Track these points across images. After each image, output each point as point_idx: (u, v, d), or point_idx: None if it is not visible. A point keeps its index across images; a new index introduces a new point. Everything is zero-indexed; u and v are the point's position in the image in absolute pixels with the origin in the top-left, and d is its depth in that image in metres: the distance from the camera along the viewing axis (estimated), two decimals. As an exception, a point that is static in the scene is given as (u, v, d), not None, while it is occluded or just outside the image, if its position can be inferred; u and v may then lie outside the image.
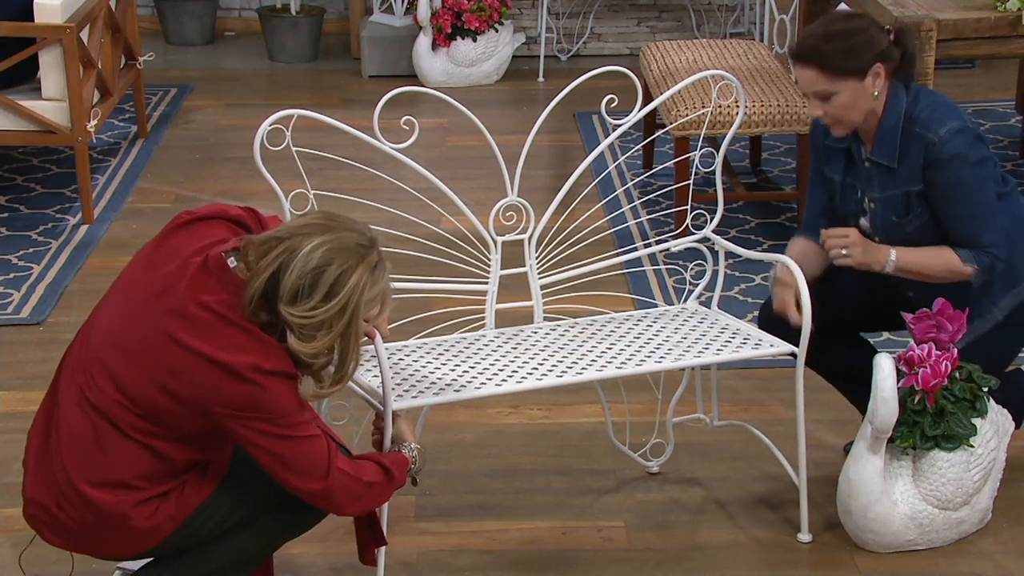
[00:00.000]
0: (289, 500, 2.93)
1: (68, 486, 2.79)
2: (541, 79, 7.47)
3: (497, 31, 7.33)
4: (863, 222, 3.64)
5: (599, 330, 3.61)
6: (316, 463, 2.80)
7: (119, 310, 2.82)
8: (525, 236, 3.57)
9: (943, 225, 3.53)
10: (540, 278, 3.62)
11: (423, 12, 7.11)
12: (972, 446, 3.50)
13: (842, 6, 5.67)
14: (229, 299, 2.72)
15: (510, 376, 3.34)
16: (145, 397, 2.74)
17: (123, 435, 2.77)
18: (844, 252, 3.52)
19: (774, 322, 3.61)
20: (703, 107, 5.09)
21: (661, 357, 3.45)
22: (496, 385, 3.30)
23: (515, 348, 3.49)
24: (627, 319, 3.69)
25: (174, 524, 2.83)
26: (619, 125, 3.61)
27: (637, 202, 5.56)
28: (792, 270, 3.48)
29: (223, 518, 2.89)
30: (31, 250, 5.31)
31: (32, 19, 5.32)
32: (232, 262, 2.75)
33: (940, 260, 3.51)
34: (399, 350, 3.48)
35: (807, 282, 3.48)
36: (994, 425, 3.58)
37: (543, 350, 3.48)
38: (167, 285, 2.75)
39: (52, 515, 2.83)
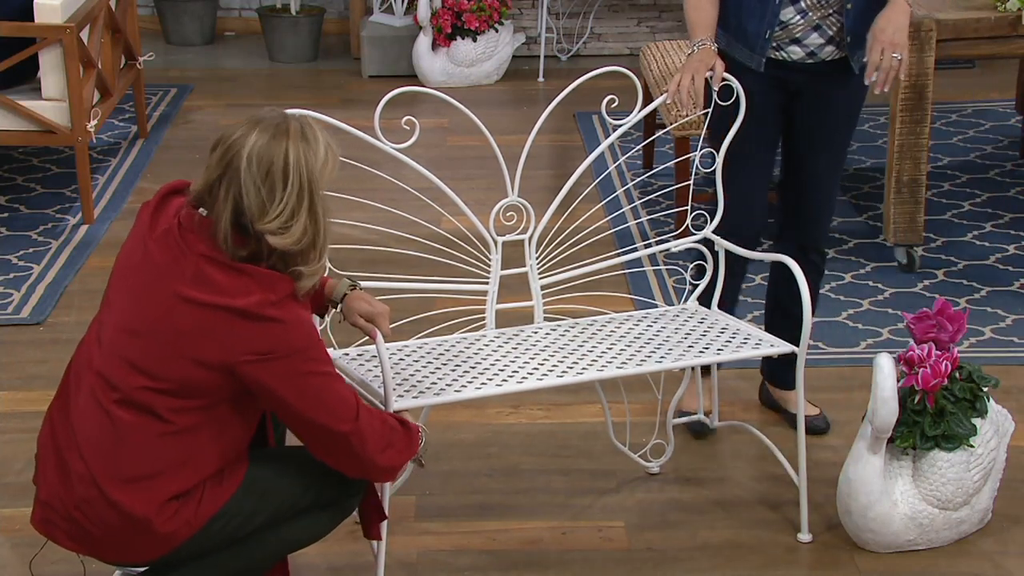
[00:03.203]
0: (307, 506, 2.95)
1: (92, 488, 2.79)
2: (541, 79, 7.47)
3: (497, 31, 7.33)
4: None
5: (599, 330, 3.61)
6: (345, 401, 2.82)
7: (122, 304, 2.84)
8: (525, 236, 3.57)
9: None
10: (540, 278, 3.62)
11: (423, 12, 7.11)
12: (972, 446, 3.50)
13: None
14: (215, 247, 2.77)
15: (510, 376, 3.34)
16: (172, 372, 2.76)
17: (153, 419, 2.77)
18: (897, 57, 3.56)
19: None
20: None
21: (661, 357, 3.45)
22: (496, 385, 3.30)
23: (515, 348, 3.49)
24: (627, 319, 3.69)
25: (190, 530, 2.83)
26: (619, 125, 3.61)
27: (637, 202, 5.56)
28: (791, 267, 3.48)
29: (239, 526, 2.89)
30: (31, 250, 5.31)
31: (32, 19, 5.33)
32: (203, 212, 2.80)
33: None
34: (399, 350, 3.48)
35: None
36: (994, 425, 3.58)
37: (543, 350, 3.48)
38: (160, 260, 2.79)
39: (72, 520, 2.82)
